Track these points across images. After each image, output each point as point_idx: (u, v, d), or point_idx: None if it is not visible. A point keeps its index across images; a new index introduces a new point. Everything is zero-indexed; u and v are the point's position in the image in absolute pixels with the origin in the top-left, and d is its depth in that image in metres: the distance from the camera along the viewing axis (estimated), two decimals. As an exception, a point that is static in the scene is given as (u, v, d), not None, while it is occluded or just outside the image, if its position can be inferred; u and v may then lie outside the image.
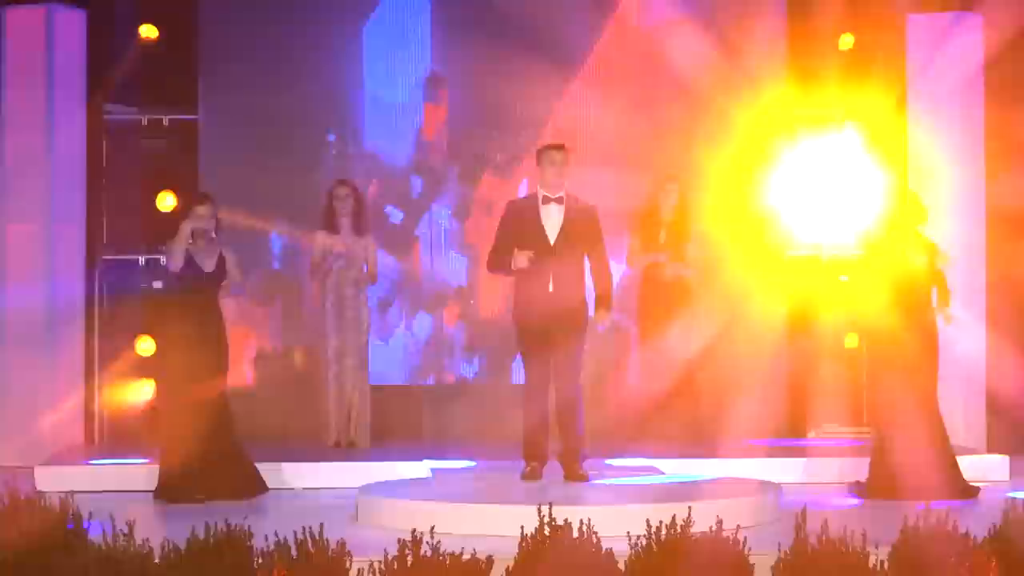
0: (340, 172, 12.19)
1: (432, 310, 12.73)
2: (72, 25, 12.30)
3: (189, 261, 9.92)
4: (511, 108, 12.61)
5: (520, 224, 9.30)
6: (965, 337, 12.02)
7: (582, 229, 9.31)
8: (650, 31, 12.70)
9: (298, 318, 12.63)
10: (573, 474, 9.33)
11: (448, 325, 12.72)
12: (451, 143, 12.75)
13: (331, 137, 12.73)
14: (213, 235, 9.99)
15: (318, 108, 12.72)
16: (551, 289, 9.22)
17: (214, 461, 9.89)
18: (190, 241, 9.90)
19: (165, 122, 12.81)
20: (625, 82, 12.73)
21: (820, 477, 10.65)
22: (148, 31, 12.44)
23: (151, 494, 9.91)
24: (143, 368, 12.52)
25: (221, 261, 10.00)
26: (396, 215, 12.57)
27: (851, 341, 12.85)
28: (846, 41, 12.70)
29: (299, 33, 12.66)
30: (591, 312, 9.45)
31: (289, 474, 10.48)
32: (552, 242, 9.24)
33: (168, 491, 9.81)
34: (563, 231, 9.25)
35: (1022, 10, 12.20)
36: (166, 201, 12.41)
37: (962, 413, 11.99)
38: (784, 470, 10.57)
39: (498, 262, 9.40)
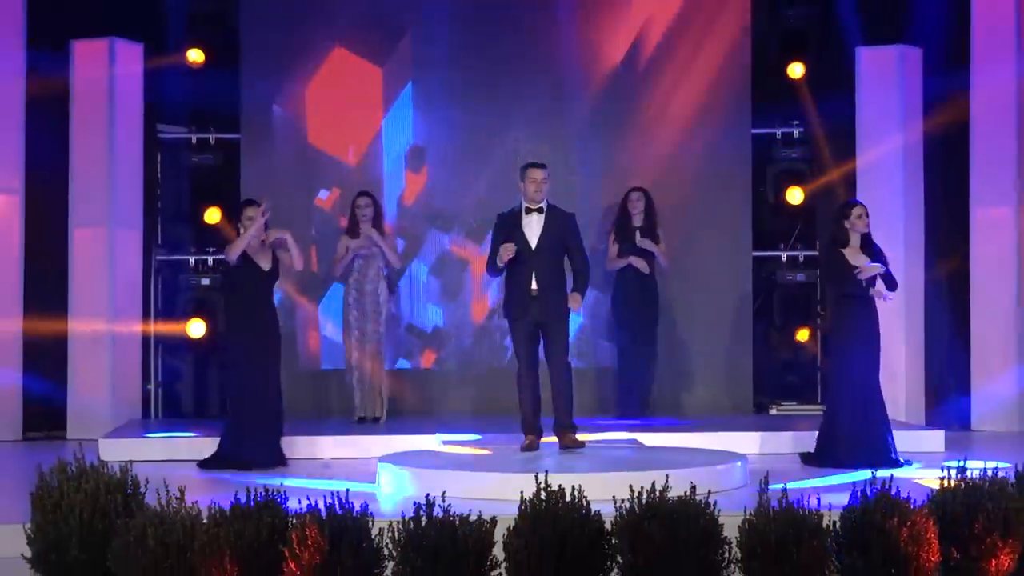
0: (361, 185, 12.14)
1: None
2: (131, 55, 12.31)
3: (248, 260, 9.89)
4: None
5: (507, 232, 9.34)
6: (907, 323, 12.11)
7: (560, 234, 9.37)
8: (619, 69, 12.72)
9: (326, 311, 12.59)
10: (570, 441, 9.33)
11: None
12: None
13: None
14: (263, 239, 9.95)
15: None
16: (534, 286, 9.28)
17: (262, 434, 9.90)
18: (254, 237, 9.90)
19: (211, 140, 12.81)
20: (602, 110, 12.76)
21: (780, 448, 10.63)
22: (195, 56, 12.46)
23: (204, 461, 9.92)
24: (195, 348, 12.63)
25: (275, 261, 9.98)
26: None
27: (802, 335, 12.91)
28: (795, 70, 12.71)
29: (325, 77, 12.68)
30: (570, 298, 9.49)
31: (320, 445, 10.47)
32: (533, 247, 9.29)
33: (220, 461, 9.82)
34: (543, 237, 9.30)
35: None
36: (213, 215, 12.48)
37: (904, 392, 12.01)
38: (749, 442, 10.54)
39: (491, 265, 9.48)
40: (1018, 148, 12.17)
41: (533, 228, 9.32)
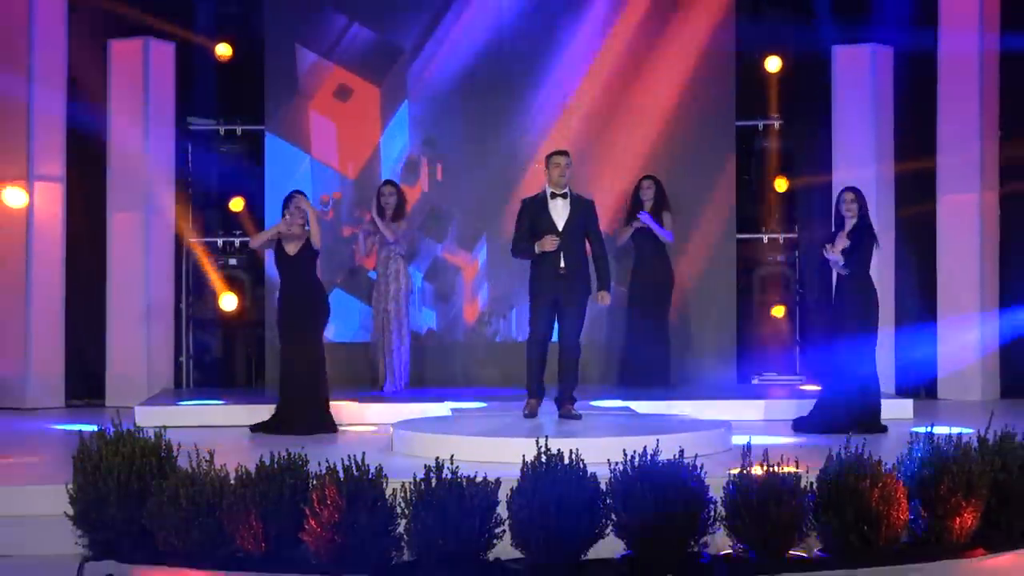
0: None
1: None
2: (164, 54, 12.27)
3: (278, 245, 9.87)
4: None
5: (533, 217, 9.34)
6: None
7: (583, 218, 9.37)
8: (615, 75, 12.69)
9: (354, 291, 12.57)
10: (567, 413, 9.37)
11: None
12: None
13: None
14: (306, 226, 9.91)
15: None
16: (562, 266, 9.25)
17: (307, 402, 9.87)
18: (281, 231, 9.88)
19: (238, 132, 12.79)
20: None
21: (761, 416, 10.64)
22: (224, 50, 12.44)
23: (240, 427, 9.91)
24: (223, 323, 12.67)
25: (306, 245, 9.93)
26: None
27: (777, 311, 12.91)
28: (773, 63, 12.68)
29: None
30: (593, 285, 9.48)
31: (342, 412, 10.40)
32: (560, 229, 9.27)
33: (271, 426, 9.80)
34: (569, 220, 9.30)
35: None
36: (237, 204, 12.49)
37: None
38: (732, 409, 10.54)
39: (520, 248, 9.43)
40: (980, 140, 12.14)
41: (560, 212, 9.31)
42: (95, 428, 7.42)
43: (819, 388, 10.35)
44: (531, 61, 12.58)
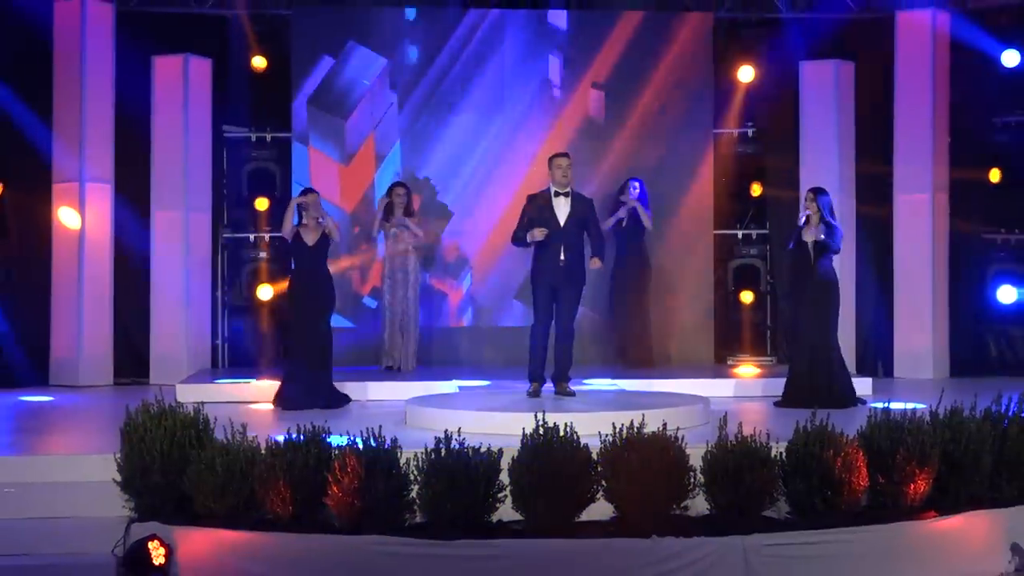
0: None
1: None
2: (201, 68, 12.24)
3: (297, 236, 9.83)
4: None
5: (537, 211, 9.24)
6: (841, 290, 12.07)
7: (583, 215, 9.26)
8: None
9: (368, 279, 12.55)
10: (563, 390, 9.30)
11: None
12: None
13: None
14: (320, 220, 9.84)
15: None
16: (562, 258, 9.15)
17: (320, 377, 9.83)
18: (303, 219, 9.83)
19: (268, 138, 12.75)
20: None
21: (734, 392, 10.63)
22: (259, 62, 12.42)
23: (269, 403, 9.85)
24: (254, 309, 12.64)
25: (323, 238, 9.90)
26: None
27: (744, 297, 12.89)
28: (747, 73, 12.64)
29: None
30: (588, 275, 9.42)
31: (359, 389, 10.42)
32: (562, 224, 9.17)
33: (284, 401, 9.75)
34: (570, 217, 9.19)
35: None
36: (261, 203, 12.51)
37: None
38: (710, 387, 10.52)
39: (520, 238, 9.32)
40: (932, 147, 12.11)
41: (562, 209, 9.18)
42: (140, 404, 7.40)
43: (788, 367, 10.29)
44: (528, 79, 12.57)
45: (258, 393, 10.22)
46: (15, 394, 10.99)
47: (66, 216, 11.75)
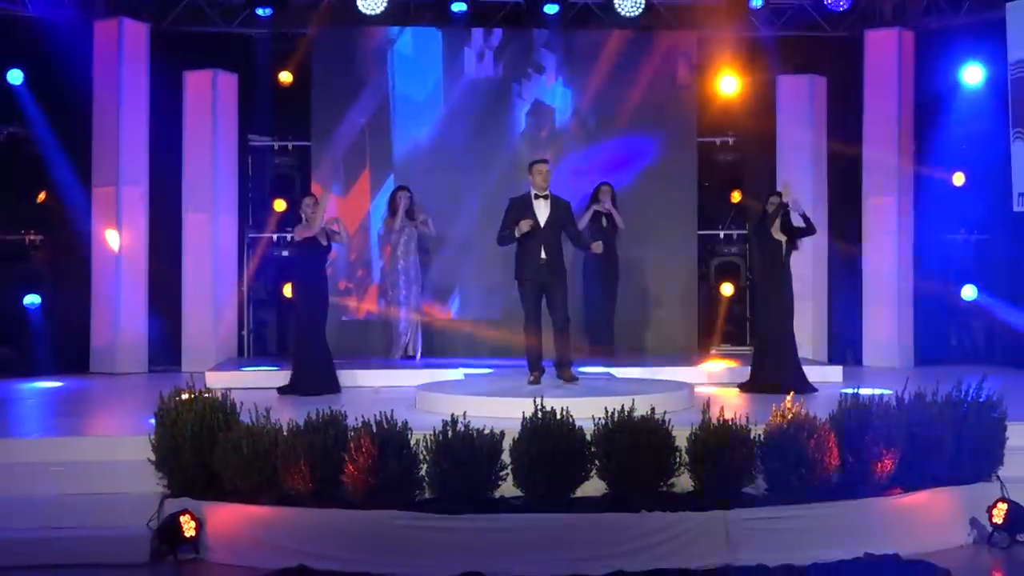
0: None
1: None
2: (229, 82, 12.25)
3: (313, 238, 9.80)
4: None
5: (519, 213, 9.12)
6: (814, 285, 12.09)
7: (561, 216, 9.18)
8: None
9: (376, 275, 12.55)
10: (567, 376, 9.13)
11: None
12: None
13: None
14: (323, 225, 9.80)
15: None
16: (543, 256, 9.06)
17: (327, 365, 9.83)
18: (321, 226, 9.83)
19: (289, 147, 12.75)
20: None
21: (718, 380, 10.61)
22: (285, 76, 12.41)
23: (281, 388, 9.86)
24: (276, 304, 12.66)
25: (328, 239, 9.87)
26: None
27: (726, 292, 12.88)
28: (728, 82, 12.62)
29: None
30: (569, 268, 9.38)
31: (371, 376, 10.41)
32: (542, 225, 9.08)
33: (294, 388, 9.76)
34: (549, 218, 9.10)
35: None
36: (280, 205, 12.50)
37: (810, 336, 11.98)
38: (694, 374, 10.52)
39: (504, 237, 9.19)
40: (898, 154, 12.10)
41: (542, 211, 9.08)
42: (173, 389, 7.40)
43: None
44: (528, 95, 12.57)
45: (281, 380, 10.20)
46: (58, 380, 11.00)
47: (104, 218, 11.74)
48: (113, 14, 11.74)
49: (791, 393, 7.56)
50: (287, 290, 12.26)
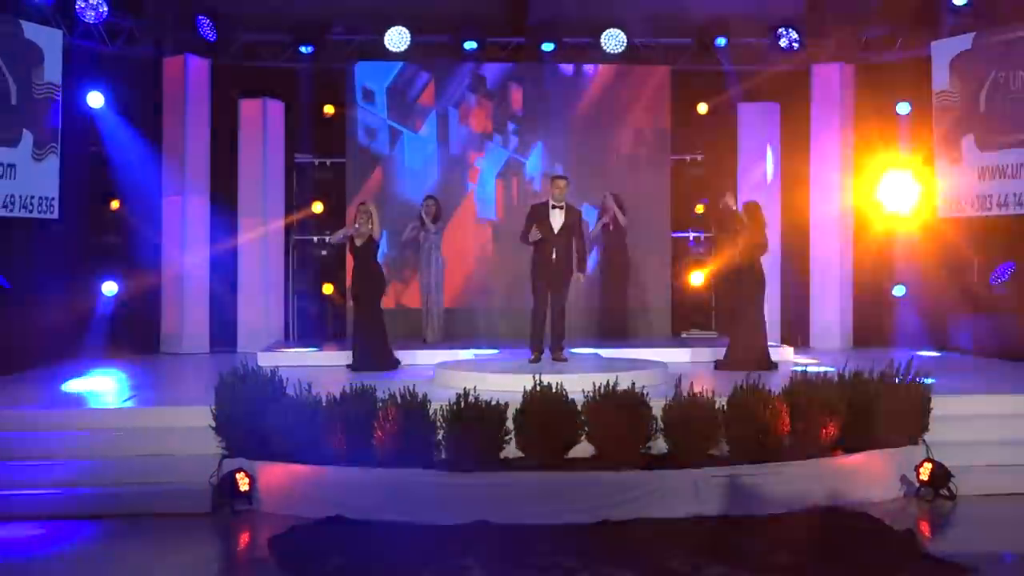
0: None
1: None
2: (276, 109, 12.21)
3: (351, 239, 9.73)
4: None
5: (538, 218, 9.17)
6: (769, 275, 12.03)
7: (572, 224, 9.21)
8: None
9: (409, 269, 12.51)
10: (558, 357, 9.24)
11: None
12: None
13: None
14: (369, 227, 9.69)
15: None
16: (554, 258, 9.11)
17: (380, 346, 9.68)
18: (349, 233, 9.76)
19: (328, 163, 12.72)
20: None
21: (688, 359, 10.57)
22: (328, 108, 12.40)
23: (350, 366, 9.69)
24: (317, 296, 12.59)
25: (369, 240, 9.75)
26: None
27: (695, 284, 12.82)
28: (701, 108, 12.56)
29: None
30: (575, 270, 9.37)
31: (402, 358, 10.33)
32: (556, 232, 9.13)
33: (364, 365, 9.59)
34: (563, 226, 9.15)
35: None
36: (316, 207, 12.45)
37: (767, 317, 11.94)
38: (668, 355, 10.42)
39: (524, 237, 9.25)
40: (840, 170, 12.04)
41: (556, 219, 9.12)
42: (230, 367, 7.40)
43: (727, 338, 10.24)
44: (534, 120, 12.53)
45: (321, 359, 10.17)
46: (134, 359, 10.99)
47: (172, 223, 11.72)
48: (180, 51, 11.74)
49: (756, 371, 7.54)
50: (327, 287, 12.27)
